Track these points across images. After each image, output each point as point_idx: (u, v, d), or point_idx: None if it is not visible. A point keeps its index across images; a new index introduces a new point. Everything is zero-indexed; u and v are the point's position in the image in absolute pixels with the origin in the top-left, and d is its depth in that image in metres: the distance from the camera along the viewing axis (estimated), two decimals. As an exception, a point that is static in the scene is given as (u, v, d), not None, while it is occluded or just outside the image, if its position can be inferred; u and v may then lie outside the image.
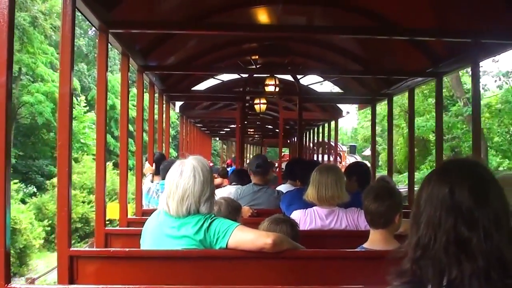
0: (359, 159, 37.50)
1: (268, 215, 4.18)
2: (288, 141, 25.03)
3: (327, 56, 8.71)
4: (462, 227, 1.41)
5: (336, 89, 11.87)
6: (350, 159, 32.96)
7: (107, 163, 5.19)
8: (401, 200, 3.26)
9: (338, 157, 27.77)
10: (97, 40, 4.52)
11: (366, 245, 3.20)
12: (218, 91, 11.15)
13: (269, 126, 20.28)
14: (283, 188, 6.15)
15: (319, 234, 3.92)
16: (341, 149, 32.23)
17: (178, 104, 12.13)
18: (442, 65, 6.11)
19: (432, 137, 25.42)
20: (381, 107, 23.74)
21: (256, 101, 11.35)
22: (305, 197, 4.03)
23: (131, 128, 12.53)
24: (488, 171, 1.54)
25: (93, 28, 5.16)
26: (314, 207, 4.00)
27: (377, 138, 30.53)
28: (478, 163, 1.56)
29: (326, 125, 15.24)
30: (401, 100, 24.75)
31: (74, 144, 27.35)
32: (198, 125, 18.92)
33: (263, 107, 11.43)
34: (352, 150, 40.44)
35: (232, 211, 3.66)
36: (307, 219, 3.95)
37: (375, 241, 3.15)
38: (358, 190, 4.17)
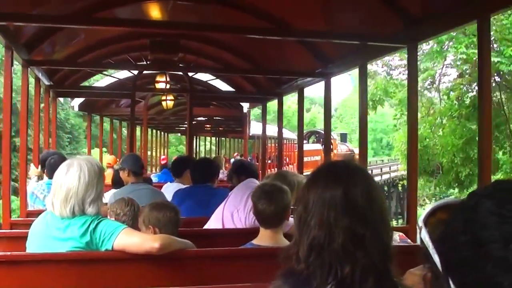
0: (351, 147, 36.06)
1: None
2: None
3: (220, 54, 8.76)
4: (357, 225, 1.50)
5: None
6: (342, 148, 32.08)
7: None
8: (290, 195, 3.31)
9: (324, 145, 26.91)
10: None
11: (255, 242, 3.18)
12: (111, 87, 10.89)
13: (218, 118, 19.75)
14: (173, 187, 6.02)
15: (213, 233, 3.93)
16: (332, 137, 31.23)
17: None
18: (330, 66, 6.36)
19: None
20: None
21: (163, 97, 11.36)
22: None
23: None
24: (366, 171, 1.71)
25: None
26: None
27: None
28: (357, 164, 1.72)
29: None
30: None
31: None
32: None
33: (170, 103, 11.48)
34: (343, 138, 38.58)
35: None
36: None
37: (266, 237, 3.13)
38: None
